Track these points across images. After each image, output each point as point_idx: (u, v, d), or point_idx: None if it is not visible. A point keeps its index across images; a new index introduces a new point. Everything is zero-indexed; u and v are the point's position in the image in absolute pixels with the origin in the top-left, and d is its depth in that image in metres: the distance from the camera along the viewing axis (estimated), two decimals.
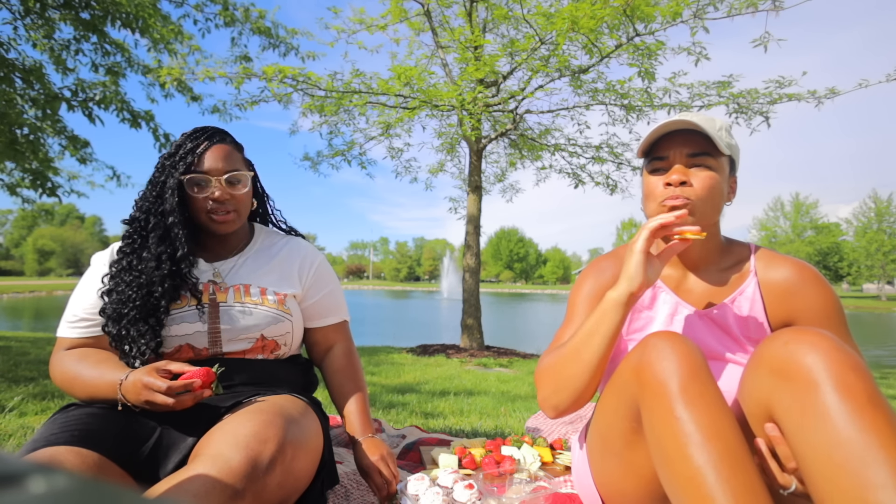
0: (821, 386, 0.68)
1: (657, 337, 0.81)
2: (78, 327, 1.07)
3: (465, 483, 1.17)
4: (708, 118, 0.97)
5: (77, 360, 1.02)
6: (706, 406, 0.72)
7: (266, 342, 1.11)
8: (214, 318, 1.07)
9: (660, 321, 1.05)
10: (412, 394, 3.30)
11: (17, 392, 2.50)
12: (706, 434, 0.70)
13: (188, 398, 0.89)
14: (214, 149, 1.09)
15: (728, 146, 0.97)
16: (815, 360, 0.70)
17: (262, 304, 1.11)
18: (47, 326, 11.70)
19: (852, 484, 0.62)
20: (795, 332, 0.75)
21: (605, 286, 1.06)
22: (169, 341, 1.05)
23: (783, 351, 0.73)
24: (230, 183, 1.09)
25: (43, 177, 5.43)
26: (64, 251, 62.32)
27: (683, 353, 0.76)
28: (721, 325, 1.02)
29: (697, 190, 0.96)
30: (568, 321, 1.08)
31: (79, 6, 4.66)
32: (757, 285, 1.01)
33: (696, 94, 5.77)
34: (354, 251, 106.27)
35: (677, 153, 0.98)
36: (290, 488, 0.89)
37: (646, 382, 0.78)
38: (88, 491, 0.16)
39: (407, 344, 7.50)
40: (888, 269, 41.77)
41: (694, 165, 0.97)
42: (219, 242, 1.18)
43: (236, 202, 1.10)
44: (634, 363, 0.82)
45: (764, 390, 0.76)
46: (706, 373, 0.76)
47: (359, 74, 5.72)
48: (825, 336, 0.72)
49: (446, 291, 44.81)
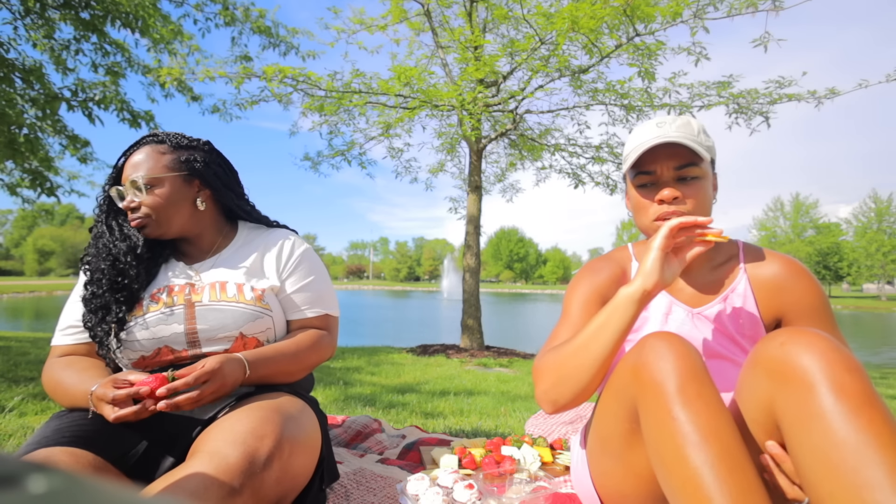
0: (817, 387, 0.68)
1: (655, 337, 0.81)
2: (68, 334, 1.08)
3: (465, 483, 1.17)
4: (685, 123, 0.99)
5: (63, 367, 1.03)
6: (704, 406, 0.72)
7: (246, 340, 1.08)
8: (191, 319, 1.05)
9: (654, 321, 1.05)
10: (412, 394, 3.30)
11: (17, 392, 2.50)
12: (704, 434, 0.70)
13: (140, 409, 0.85)
14: (133, 155, 1.10)
15: (707, 148, 0.98)
16: (812, 361, 0.70)
17: (239, 300, 1.08)
18: (47, 326, 11.70)
19: (849, 484, 0.63)
20: (791, 333, 0.75)
21: (600, 287, 1.06)
22: (147, 344, 1.04)
23: (780, 352, 0.73)
24: (138, 189, 1.08)
25: (42, 176, 5.43)
26: (64, 251, 62.29)
27: (681, 354, 0.77)
28: (715, 323, 1.02)
29: (690, 205, 0.97)
30: (563, 321, 1.06)
31: (79, 6, 4.66)
32: (748, 281, 1.02)
33: (696, 94, 5.77)
34: (354, 251, 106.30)
35: (664, 167, 0.98)
36: (287, 485, 0.89)
37: (643, 383, 0.78)
38: (87, 490, 0.16)
39: (407, 344, 7.50)
40: (888, 269, 41.78)
41: (681, 177, 0.98)
42: (190, 245, 1.17)
43: (149, 207, 1.08)
44: (632, 363, 0.82)
45: (762, 392, 0.76)
46: (704, 373, 0.76)
47: (359, 74, 5.72)
48: (821, 336, 0.72)
49: (446, 291, 44.81)
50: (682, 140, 0.94)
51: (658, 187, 0.99)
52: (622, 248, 1.17)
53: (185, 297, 1.07)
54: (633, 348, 0.84)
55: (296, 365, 1.09)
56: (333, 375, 3.99)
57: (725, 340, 1.02)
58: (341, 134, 7.04)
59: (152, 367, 1.05)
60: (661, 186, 0.98)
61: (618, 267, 1.10)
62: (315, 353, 1.13)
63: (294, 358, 1.09)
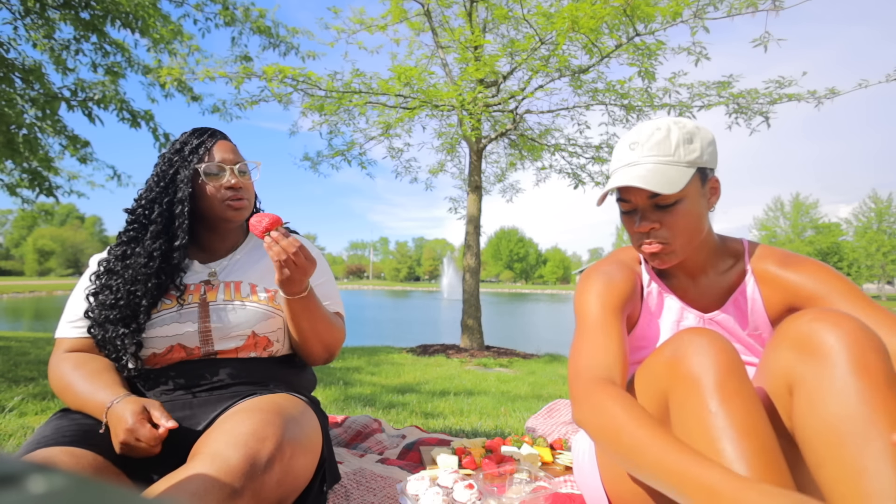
0: (838, 363, 0.69)
1: (692, 332, 0.80)
2: (77, 327, 1.07)
3: (465, 483, 1.17)
4: (660, 142, 0.93)
5: (73, 367, 1.02)
6: (742, 402, 0.72)
7: (258, 339, 1.11)
8: (205, 317, 1.07)
9: (666, 330, 1.04)
10: (412, 394, 3.30)
11: (17, 392, 2.50)
12: (740, 430, 0.70)
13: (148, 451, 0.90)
14: (222, 143, 1.14)
15: (689, 164, 0.93)
16: (837, 338, 0.71)
17: (252, 300, 1.11)
18: (47, 326, 11.70)
19: (850, 453, 0.64)
20: (821, 311, 0.76)
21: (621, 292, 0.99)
22: (159, 342, 1.05)
23: (807, 328, 0.74)
24: (242, 172, 1.14)
25: (41, 176, 5.43)
26: (64, 251, 62.31)
27: (720, 349, 0.76)
28: (727, 328, 1.02)
29: (667, 233, 0.95)
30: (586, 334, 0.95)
31: (79, 6, 4.66)
32: (755, 282, 1.01)
33: (696, 94, 5.77)
34: (354, 251, 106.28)
35: (638, 198, 0.96)
36: (288, 487, 0.88)
37: (680, 376, 0.77)
38: (87, 490, 0.16)
39: (407, 344, 7.49)
40: (888, 269, 41.76)
41: (657, 205, 0.95)
42: (219, 239, 1.19)
43: (248, 191, 1.15)
44: (667, 358, 0.81)
45: (783, 363, 0.77)
46: (741, 370, 0.76)
47: (359, 74, 5.72)
48: (850, 318, 0.73)
49: (446, 291, 44.77)
50: (638, 183, 0.90)
51: (636, 214, 0.98)
52: (628, 249, 1.13)
53: (201, 296, 1.09)
54: (669, 342, 0.83)
55: (326, 326, 1.13)
56: (333, 375, 3.99)
57: (739, 344, 1.02)
58: (341, 134, 7.04)
59: (163, 364, 1.06)
60: (640, 214, 0.97)
61: (629, 270, 1.05)
62: (337, 330, 1.18)
63: (327, 319, 1.13)
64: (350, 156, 7.06)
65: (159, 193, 1.09)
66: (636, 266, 1.09)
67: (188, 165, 1.09)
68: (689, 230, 0.95)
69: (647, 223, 0.95)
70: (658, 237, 0.95)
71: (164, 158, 1.12)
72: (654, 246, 0.96)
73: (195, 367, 1.06)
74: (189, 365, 1.06)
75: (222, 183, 1.11)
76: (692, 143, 0.94)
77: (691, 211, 0.94)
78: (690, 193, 0.94)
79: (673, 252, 0.96)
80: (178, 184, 1.09)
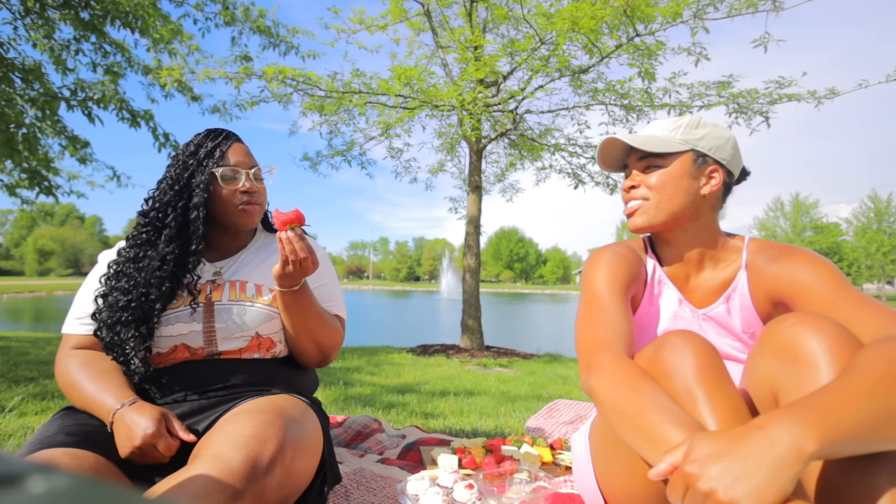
0: (821, 368, 0.70)
1: (673, 335, 0.82)
2: (84, 324, 1.07)
3: (465, 483, 1.17)
4: (672, 119, 1.03)
5: (80, 365, 1.02)
6: (723, 397, 0.74)
7: (261, 340, 1.11)
8: (209, 318, 1.07)
9: (665, 321, 1.06)
10: (412, 394, 3.30)
11: (17, 392, 2.50)
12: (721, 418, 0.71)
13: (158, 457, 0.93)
14: (237, 146, 1.14)
15: (685, 141, 0.99)
16: (819, 343, 0.71)
17: (257, 301, 1.11)
18: (47, 327, 11.71)
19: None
20: (801, 316, 0.76)
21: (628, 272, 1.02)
22: (164, 341, 1.05)
23: (789, 333, 0.75)
24: (256, 177, 1.15)
25: (40, 176, 5.42)
26: (64, 251, 62.31)
27: (698, 351, 0.78)
28: (721, 322, 1.03)
29: (645, 191, 1.02)
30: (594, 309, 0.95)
31: (78, 6, 4.66)
32: (747, 279, 1.02)
33: (696, 94, 5.77)
34: (354, 251, 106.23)
35: (632, 160, 1.06)
36: (289, 489, 0.88)
37: (660, 378, 0.79)
38: (88, 491, 0.16)
39: (407, 344, 7.49)
40: (888, 269, 41.76)
41: (648, 168, 1.03)
42: (229, 239, 1.19)
43: (261, 195, 1.16)
44: (648, 359, 0.83)
45: (767, 369, 0.78)
46: (721, 368, 0.77)
47: (359, 74, 5.72)
48: (830, 321, 0.74)
49: (446, 291, 44.79)
50: (622, 137, 1.00)
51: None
52: (635, 239, 1.15)
53: (206, 295, 1.09)
54: (650, 346, 0.85)
55: (318, 322, 1.12)
56: (333, 375, 3.99)
57: (731, 340, 1.02)
58: (341, 134, 7.04)
59: (166, 364, 1.06)
60: (629, 175, 1.07)
61: (636, 255, 1.08)
62: (332, 330, 1.16)
63: (320, 316, 1.12)
64: (350, 156, 7.05)
65: (174, 197, 1.07)
66: (642, 254, 1.11)
67: (204, 170, 1.08)
68: (665, 194, 1.00)
69: (629, 182, 1.04)
70: (636, 195, 1.03)
71: (177, 161, 1.10)
72: (631, 205, 1.04)
73: (198, 368, 1.05)
74: (192, 365, 1.06)
75: (238, 187, 1.10)
76: (697, 129, 1.01)
77: (670, 180, 1.00)
78: (676, 166, 1.00)
79: (646, 212, 1.01)
80: (194, 188, 1.08)
